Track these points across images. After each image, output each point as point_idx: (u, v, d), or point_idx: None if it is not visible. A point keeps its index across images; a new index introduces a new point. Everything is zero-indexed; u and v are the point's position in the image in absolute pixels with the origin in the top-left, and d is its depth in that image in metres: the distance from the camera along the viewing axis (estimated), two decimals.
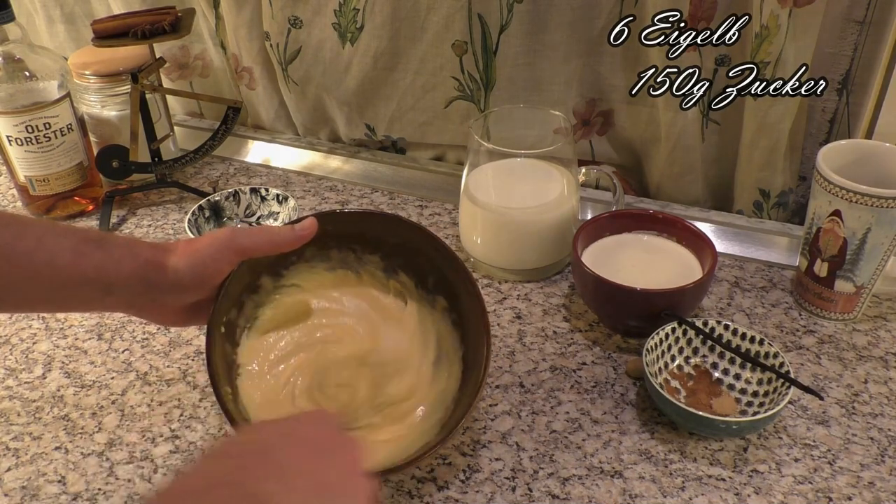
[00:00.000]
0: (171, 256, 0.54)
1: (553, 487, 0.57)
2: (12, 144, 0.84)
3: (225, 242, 0.55)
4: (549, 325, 0.72)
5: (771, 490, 0.56)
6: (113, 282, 0.53)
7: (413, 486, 0.58)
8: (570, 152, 0.75)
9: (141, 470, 0.60)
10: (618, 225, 0.74)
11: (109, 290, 0.53)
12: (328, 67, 0.95)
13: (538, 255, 0.76)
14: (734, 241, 0.82)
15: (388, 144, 1.01)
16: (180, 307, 0.56)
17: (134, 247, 0.54)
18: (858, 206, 0.64)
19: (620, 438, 0.61)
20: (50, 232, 0.52)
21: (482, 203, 0.75)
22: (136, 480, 0.59)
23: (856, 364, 0.67)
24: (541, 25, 0.83)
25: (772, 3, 0.72)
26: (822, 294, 0.70)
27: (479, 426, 0.62)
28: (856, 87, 0.77)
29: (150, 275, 0.53)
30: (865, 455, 0.59)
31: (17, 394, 0.67)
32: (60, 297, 0.54)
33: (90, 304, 0.56)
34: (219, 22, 1.00)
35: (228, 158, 1.01)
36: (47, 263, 0.51)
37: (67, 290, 0.53)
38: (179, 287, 0.54)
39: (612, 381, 0.66)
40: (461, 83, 0.90)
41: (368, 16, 0.88)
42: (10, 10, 0.80)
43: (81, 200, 0.91)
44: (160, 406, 0.65)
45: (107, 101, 0.91)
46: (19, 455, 0.61)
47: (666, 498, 0.56)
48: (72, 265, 0.52)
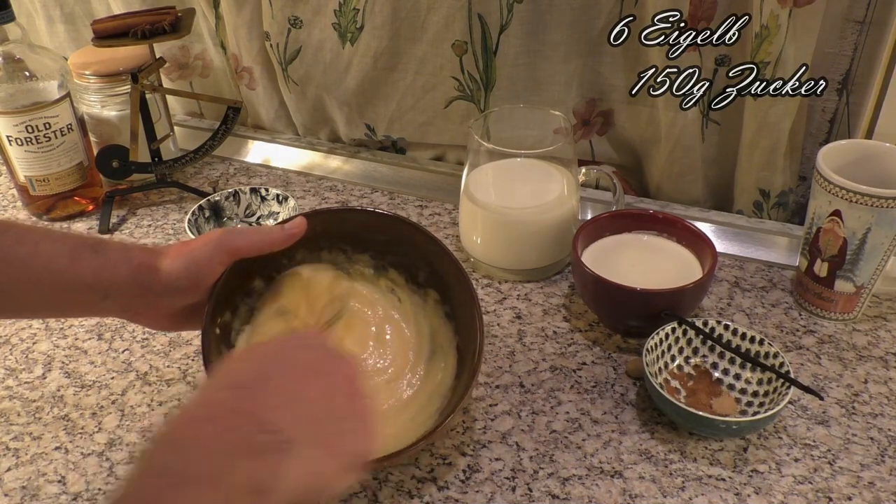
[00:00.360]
0: (164, 259, 0.55)
1: (553, 487, 0.57)
2: (12, 144, 0.84)
3: (217, 243, 0.55)
4: (549, 325, 0.72)
5: (771, 490, 0.56)
6: (109, 285, 0.53)
7: (413, 486, 0.58)
8: (570, 152, 0.75)
9: None
10: (618, 225, 0.74)
11: (106, 293, 0.54)
12: (328, 67, 0.95)
13: (538, 255, 0.76)
14: (734, 241, 0.82)
15: (388, 144, 1.01)
16: (175, 310, 0.57)
17: (129, 251, 0.55)
18: (858, 206, 0.64)
19: (620, 438, 0.61)
20: (47, 237, 0.53)
21: (482, 203, 0.75)
22: None
23: (856, 364, 0.67)
24: (541, 25, 0.83)
25: (772, 3, 0.72)
26: (822, 294, 0.70)
27: (479, 426, 0.62)
28: (856, 87, 0.77)
29: (145, 277, 0.54)
30: (865, 455, 0.59)
31: (17, 394, 0.67)
32: (58, 301, 0.54)
33: (87, 309, 0.57)
34: (219, 22, 1.00)
35: (228, 158, 1.01)
36: (45, 268, 0.52)
37: (65, 294, 0.53)
38: (174, 289, 0.55)
39: (612, 381, 0.66)
40: (461, 83, 0.90)
41: (368, 16, 0.88)
42: (10, 10, 0.80)
43: (81, 200, 0.91)
44: (160, 406, 0.65)
45: (107, 101, 0.91)
46: (19, 455, 0.61)
47: (666, 498, 0.56)
48: (69, 269, 0.52)
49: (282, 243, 0.58)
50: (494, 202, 0.75)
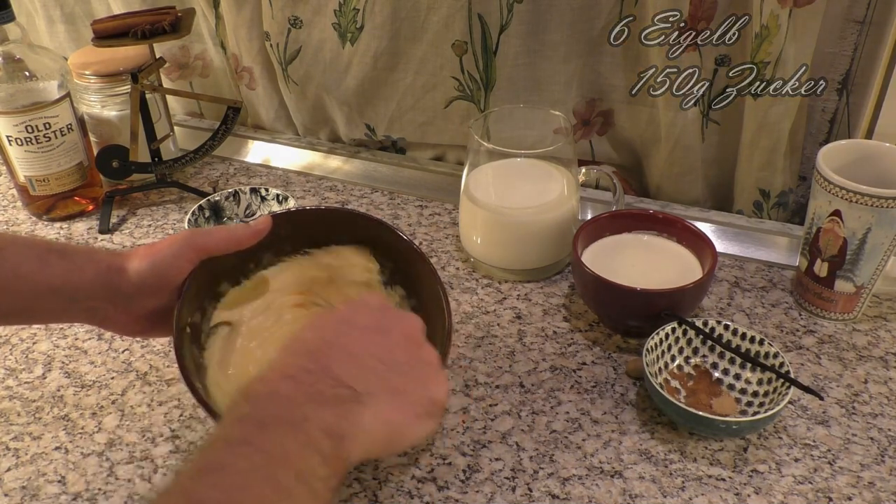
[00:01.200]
0: (131, 260, 0.55)
1: (553, 487, 0.57)
2: (12, 144, 0.84)
3: (184, 241, 0.56)
4: (549, 325, 0.72)
5: (771, 490, 0.56)
6: (77, 288, 0.54)
7: (413, 486, 0.58)
8: (570, 152, 0.75)
9: (141, 470, 0.60)
10: (618, 225, 0.74)
11: (74, 297, 0.54)
12: (328, 67, 0.95)
13: (538, 255, 0.76)
14: (734, 241, 0.82)
15: (388, 144, 1.01)
16: (144, 313, 0.57)
17: (95, 253, 0.56)
18: (858, 206, 0.64)
19: (620, 438, 0.61)
20: (13, 243, 0.54)
21: (482, 203, 0.75)
22: (136, 480, 0.59)
23: (856, 364, 0.67)
24: (541, 25, 0.83)
25: (772, 3, 0.72)
26: (822, 294, 0.70)
27: (479, 426, 0.62)
28: (856, 87, 0.77)
29: (112, 278, 0.54)
30: (865, 455, 0.59)
31: (17, 394, 0.67)
32: (26, 307, 0.54)
33: (55, 315, 0.57)
34: (219, 22, 1.00)
35: (228, 158, 1.01)
36: (12, 272, 0.53)
37: (32, 300, 0.54)
38: (142, 289, 0.55)
39: (612, 381, 0.66)
40: (461, 83, 0.90)
41: (368, 16, 0.88)
42: (10, 10, 0.80)
43: (81, 200, 0.91)
44: (160, 406, 0.65)
45: (107, 101, 0.91)
46: (19, 455, 0.61)
47: (666, 498, 0.56)
48: (37, 273, 0.53)
49: (248, 240, 0.58)
50: (494, 202, 0.75)
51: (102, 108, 0.91)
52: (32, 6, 1.11)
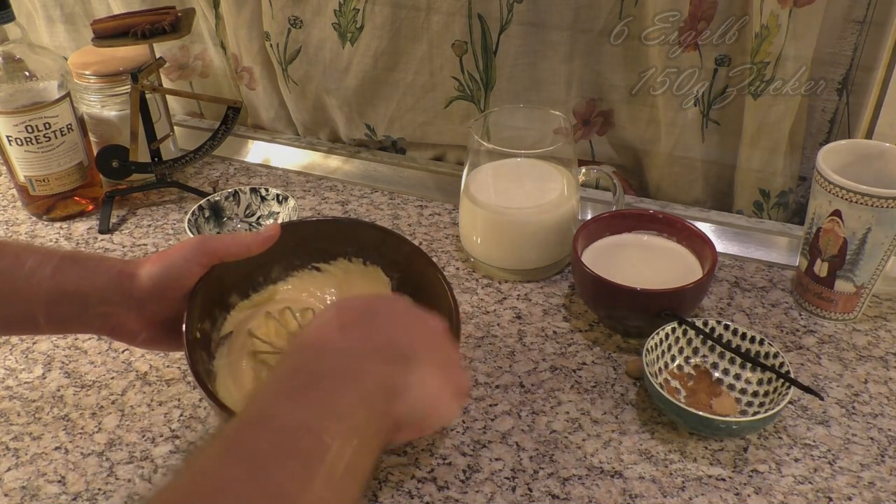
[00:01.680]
0: (143, 265, 0.56)
1: (553, 487, 0.57)
2: (12, 144, 0.84)
3: (195, 246, 0.56)
4: (549, 325, 0.72)
5: (771, 490, 0.56)
6: (89, 294, 0.54)
7: (413, 486, 0.58)
8: (570, 152, 0.75)
9: (141, 470, 0.60)
10: (618, 225, 0.74)
11: (86, 303, 0.54)
12: (328, 67, 0.95)
13: (538, 255, 0.76)
14: (734, 241, 0.82)
15: (388, 144, 1.01)
16: (156, 320, 0.57)
17: (107, 260, 0.56)
18: (858, 206, 0.64)
19: (620, 438, 0.61)
20: (26, 250, 0.55)
21: (482, 203, 0.75)
22: (136, 480, 0.59)
23: (856, 364, 0.67)
24: (541, 25, 0.83)
25: (772, 3, 0.72)
26: (822, 294, 0.70)
27: (479, 426, 0.62)
28: (856, 87, 0.77)
29: (124, 282, 0.54)
30: (865, 455, 0.59)
31: (17, 394, 0.67)
32: (39, 314, 0.54)
33: (68, 322, 0.57)
34: (219, 22, 1.00)
35: (228, 158, 1.01)
36: (26, 280, 0.53)
37: (46, 306, 0.54)
38: (154, 293, 0.55)
39: (612, 381, 0.66)
40: (461, 83, 0.90)
41: (368, 16, 0.88)
42: (10, 10, 0.80)
43: (81, 200, 0.91)
44: (160, 406, 0.65)
45: (107, 101, 0.90)
46: (19, 455, 0.61)
47: (666, 498, 0.56)
48: (49, 279, 0.53)
49: (258, 247, 0.58)
50: (494, 202, 0.75)
51: (102, 108, 0.91)
52: (32, 6, 1.11)
